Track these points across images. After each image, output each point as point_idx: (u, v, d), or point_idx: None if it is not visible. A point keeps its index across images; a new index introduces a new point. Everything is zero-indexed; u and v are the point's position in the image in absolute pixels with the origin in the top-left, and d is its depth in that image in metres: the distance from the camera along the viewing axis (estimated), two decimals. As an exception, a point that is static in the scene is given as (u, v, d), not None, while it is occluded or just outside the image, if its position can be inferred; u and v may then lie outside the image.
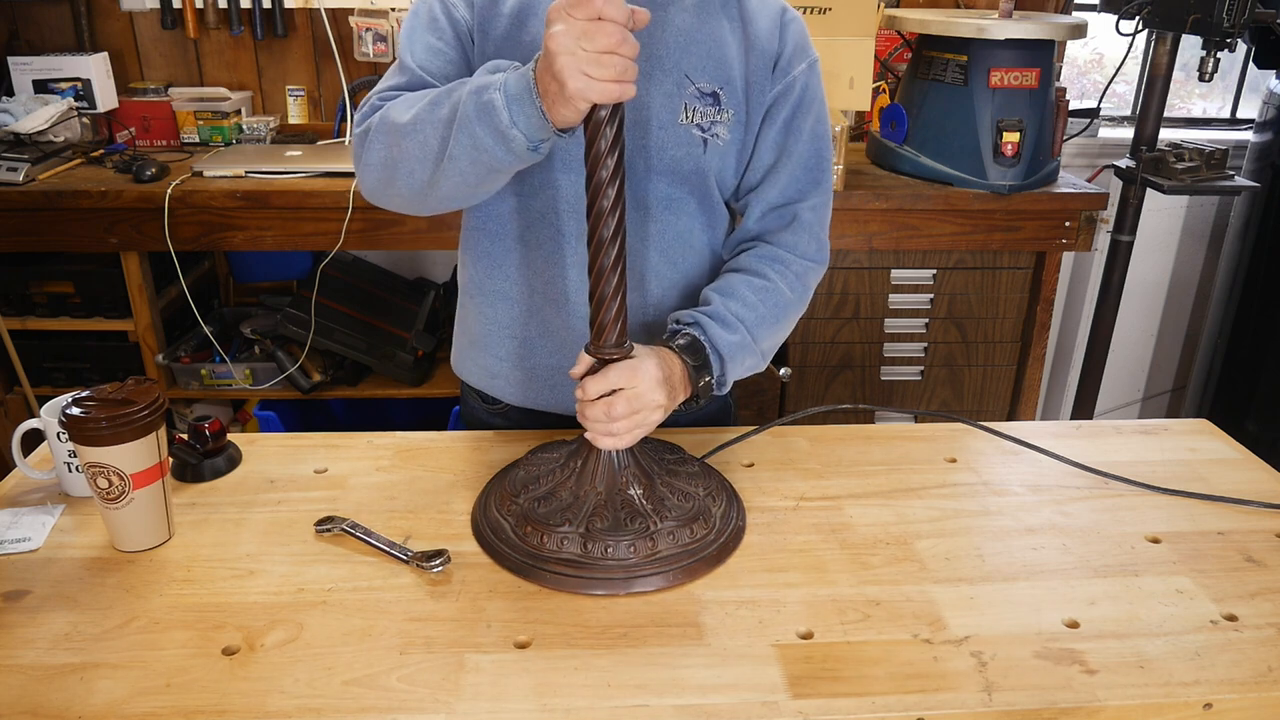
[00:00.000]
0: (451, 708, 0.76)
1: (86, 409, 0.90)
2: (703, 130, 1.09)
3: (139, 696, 0.76)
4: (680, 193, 1.13)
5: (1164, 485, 1.10)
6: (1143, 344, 3.09)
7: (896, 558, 0.96)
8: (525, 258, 1.15)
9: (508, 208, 1.14)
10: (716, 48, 1.09)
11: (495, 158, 0.91)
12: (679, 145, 1.09)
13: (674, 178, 1.11)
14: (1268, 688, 0.80)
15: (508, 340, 1.20)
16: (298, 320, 2.26)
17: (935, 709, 0.77)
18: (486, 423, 1.30)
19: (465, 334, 1.27)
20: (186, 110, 2.45)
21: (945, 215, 2.14)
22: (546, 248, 1.14)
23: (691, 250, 1.17)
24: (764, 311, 1.10)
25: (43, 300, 2.24)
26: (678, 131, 1.09)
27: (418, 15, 1.09)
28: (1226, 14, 1.99)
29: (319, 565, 0.94)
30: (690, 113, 1.09)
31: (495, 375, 1.23)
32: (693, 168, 1.11)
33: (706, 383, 1.04)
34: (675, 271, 1.17)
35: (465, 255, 1.22)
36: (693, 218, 1.15)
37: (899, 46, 2.48)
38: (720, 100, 1.09)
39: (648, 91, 1.07)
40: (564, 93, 0.83)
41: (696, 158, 1.10)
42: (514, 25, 1.06)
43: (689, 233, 1.16)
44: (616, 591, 0.90)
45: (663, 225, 1.14)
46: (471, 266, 1.21)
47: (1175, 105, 3.06)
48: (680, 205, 1.13)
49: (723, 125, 1.10)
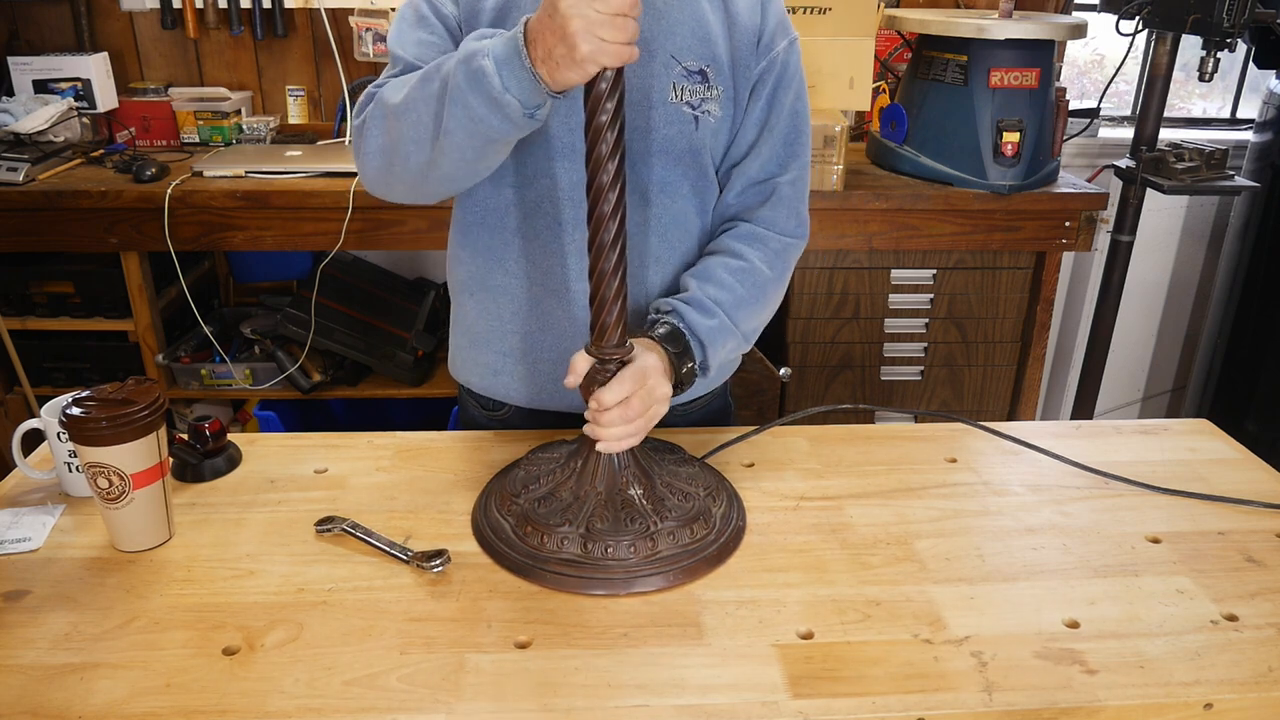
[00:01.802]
0: (451, 708, 0.76)
1: (86, 409, 0.90)
2: (693, 108, 1.10)
3: (139, 696, 0.76)
4: (675, 175, 1.13)
5: (1164, 485, 1.10)
6: (1143, 344, 3.09)
7: (896, 558, 0.96)
8: (524, 249, 1.15)
9: (505, 200, 1.14)
10: (699, 26, 1.10)
11: (491, 127, 0.90)
12: (671, 124, 1.10)
13: (669, 159, 1.12)
14: (1268, 688, 0.80)
15: (510, 335, 1.20)
16: (298, 320, 2.26)
17: (935, 709, 0.77)
18: (487, 428, 1.29)
19: (464, 334, 1.25)
20: (186, 110, 2.45)
21: (945, 215, 2.14)
22: (544, 237, 1.14)
23: (688, 234, 1.17)
24: (742, 293, 1.11)
25: (43, 300, 2.24)
26: (669, 110, 1.10)
27: (404, 17, 1.09)
28: (1226, 14, 1.99)
29: (319, 565, 0.93)
30: (680, 91, 1.09)
31: (499, 372, 1.23)
32: (686, 146, 1.11)
33: (690, 369, 1.05)
34: (674, 254, 1.17)
35: (461, 252, 1.21)
36: (688, 200, 1.16)
37: (899, 46, 2.48)
38: (708, 77, 1.10)
39: (635, 73, 1.07)
40: (574, 56, 0.82)
41: (689, 135, 1.11)
42: (497, 23, 1.06)
43: (684, 215, 1.16)
44: (616, 591, 0.90)
45: (660, 209, 1.14)
46: (469, 263, 1.20)
47: (1175, 105, 3.06)
48: (676, 188, 1.14)
49: (713, 102, 1.11)
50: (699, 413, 1.30)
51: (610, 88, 0.86)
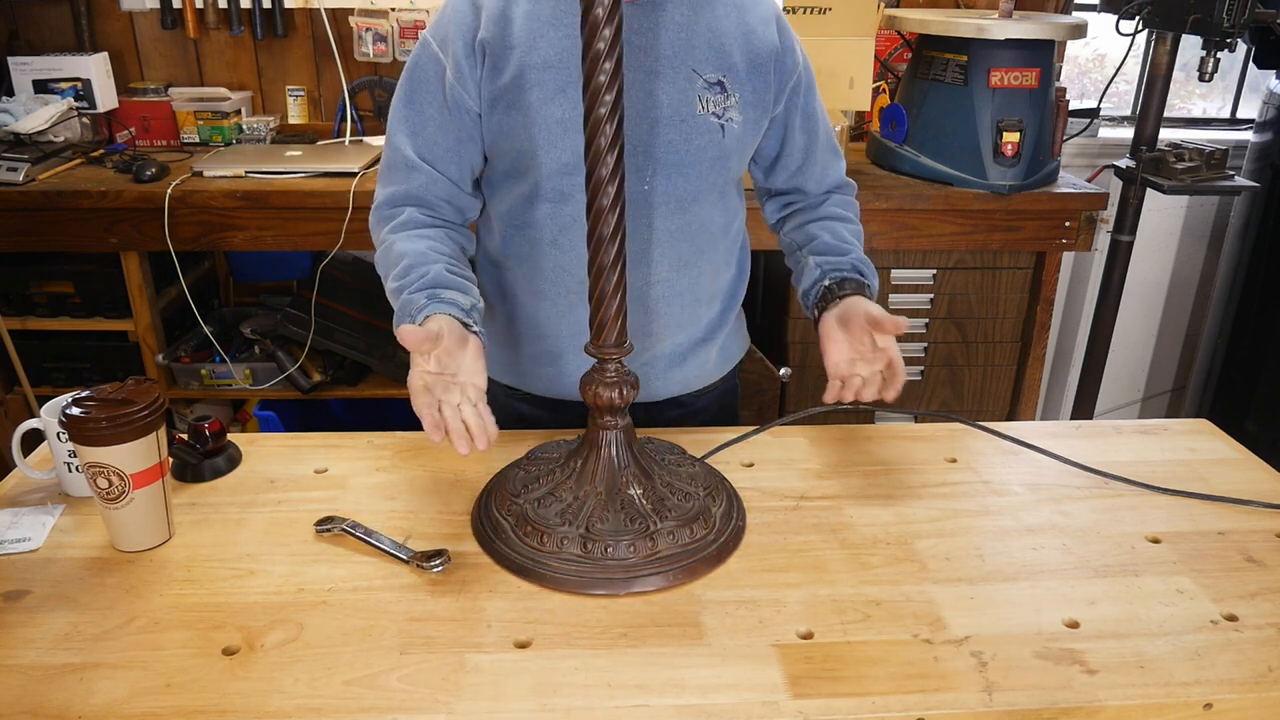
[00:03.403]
0: (451, 708, 0.76)
1: (86, 409, 0.90)
2: (718, 117, 1.14)
3: (139, 696, 0.76)
4: (706, 184, 1.17)
5: (1164, 485, 1.10)
6: (1143, 344, 3.09)
7: (896, 558, 0.96)
8: (557, 260, 1.18)
9: (541, 213, 1.16)
10: (715, 37, 1.13)
11: None
12: (702, 134, 1.14)
13: (701, 169, 1.16)
14: (1268, 688, 0.80)
15: (539, 339, 1.24)
16: (298, 320, 2.26)
17: (935, 709, 0.77)
18: (509, 408, 1.31)
19: (490, 335, 1.27)
20: (186, 110, 2.44)
21: (945, 215, 2.14)
22: (580, 248, 1.16)
23: (714, 238, 1.22)
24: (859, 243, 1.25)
25: (43, 300, 2.24)
26: (698, 122, 1.13)
27: (400, 96, 1.16)
28: (1226, 14, 1.99)
29: (319, 565, 0.94)
30: (705, 103, 1.13)
31: (523, 374, 1.27)
32: (716, 154, 1.15)
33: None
34: (702, 259, 1.22)
35: (491, 262, 1.25)
36: (715, 206, 1.20)
37: (899, 46, 2.48)
38: (726, 87, 1.14)
39: (662, 90, 1.11)
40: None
41: (718, 144, 1.15)
42: (514, 25, 1.09)
43: (713, 221, 1.21)
44: (616, 591, 0.90)
45: (692, 216, 1.18)
46: (504, 271, 1.24)
47: (1175, 105, 3.06)
48: (706, 196, 1.18)
49: (734, 109, 1.15)
50: (708, 398, 1.34)
51: (610, 112, 0.86)
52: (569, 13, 1.08)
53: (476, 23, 1.09)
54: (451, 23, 1.10)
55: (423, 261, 1.07)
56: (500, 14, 1.09)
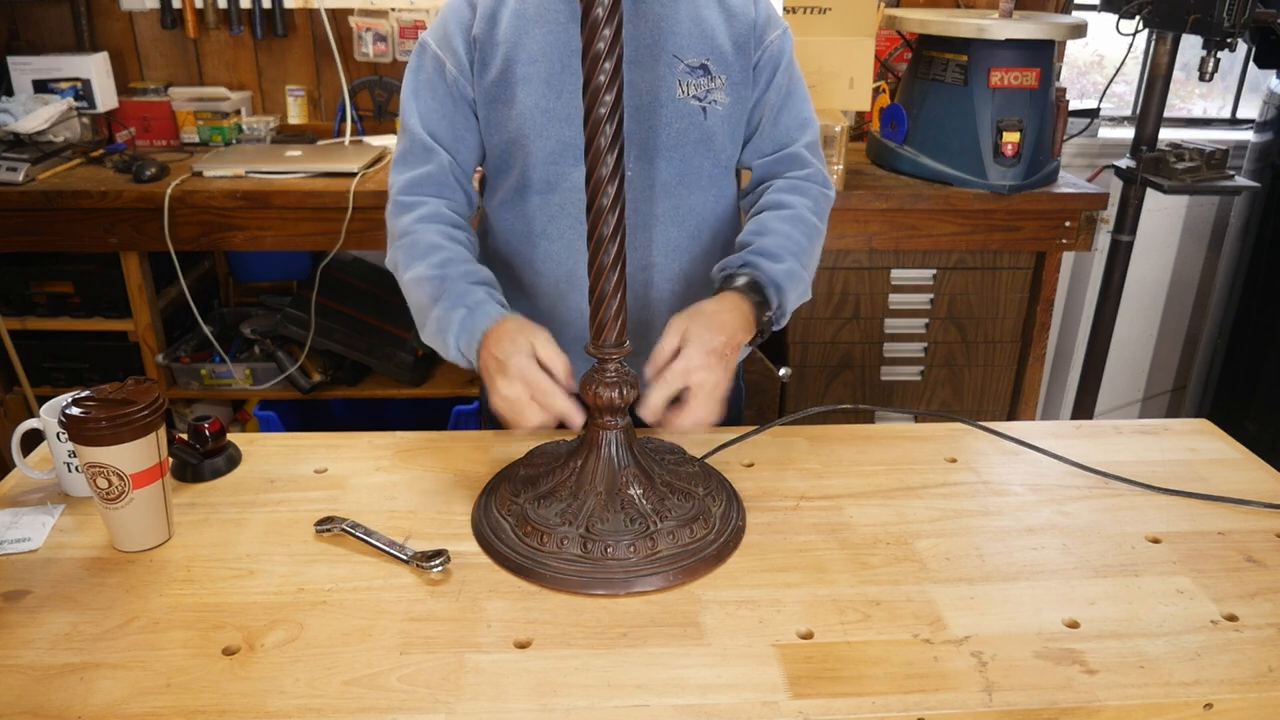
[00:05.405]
0: (451, 708, 0.76)
1: (86, 409, 0.90)
2: (699, 100, 1.17)
3: (139, 696, 0.76)
4: (691, 168, 1.19)
5: (1164, 485, 1.10)
6: (1143, 344, 3.09)
7: (896, 558, 0.96)
8: (547, 250, 1.21)
9: (531, 205, 1.20)
10: (697, 24, 1.16)
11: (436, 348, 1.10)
12: (681, 118, 1.17)
13: (683, 152, 1.18)
14: (1268, 688, 0.80)
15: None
16: (298, 320, 2.26)
17: (935, 709, 0.77)
18: None
19: None
20: (186, 110, 2.45)
21: (945, 215, 2.14)
22: (568, 237, 1.20)
23: (705, 222, 1.23)
24: (799, 238, 1.17)
25: (43, 300, 2.24)
26: (677, 106, 1.16)
27: (409, 84, 1.19)
28: (1226, 14, 1.99)
29: (319, 565, 0.94)
30: (685, 87, 1.16)
31: None
32: (698, 137, 1.18)
33: (768, 318, 1.09)
34: (694, 243, 1.23)
35: (495, 252, 1.27)
36: (705, 191, 1.22)
37: (899, 46, 2.48)
38: (710, 70, 1.17)
39: (643, 77, 1.14)
40: (491, 389, 0.99)
41: (700, 125, 1.17)
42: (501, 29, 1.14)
43: (702, 205, 1.22)
44: (616, 591, 0.90)
45: (678, 200, 1.20)
46: (495, 263, 1.25)
47: (1175, 105, 3.06)
48: (693, 180, 1.20)
49: (719, 91, 1.18)
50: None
51: (609, 111, 0.86)
52: (554, 9, 1.13)
53: (472, 18, 1.15)
54: (450, 20, 1.16)
55: (462, 259, 1.12)
56: (491, 13, 1.15)
